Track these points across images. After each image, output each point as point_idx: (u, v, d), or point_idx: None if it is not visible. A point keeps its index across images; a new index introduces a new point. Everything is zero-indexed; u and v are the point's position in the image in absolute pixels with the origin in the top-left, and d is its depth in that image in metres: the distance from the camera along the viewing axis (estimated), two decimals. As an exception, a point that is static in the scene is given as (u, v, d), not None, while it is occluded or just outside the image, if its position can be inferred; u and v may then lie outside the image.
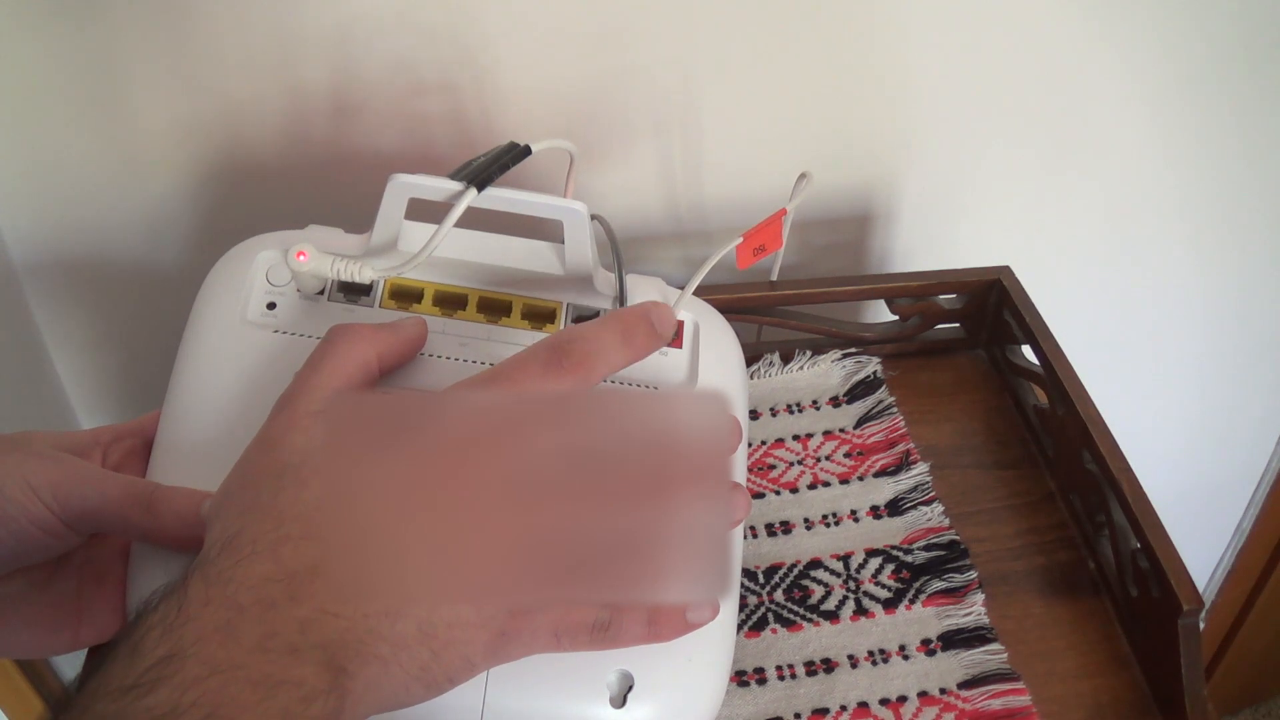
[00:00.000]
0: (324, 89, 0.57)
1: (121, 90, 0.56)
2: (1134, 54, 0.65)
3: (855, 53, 0.61)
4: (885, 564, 0.49)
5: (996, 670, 0.45)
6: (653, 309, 0.37)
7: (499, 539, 0.30)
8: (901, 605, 0.47)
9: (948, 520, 0.51)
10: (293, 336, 0.41)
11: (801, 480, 0.53)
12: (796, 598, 0.48)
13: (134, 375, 0.69)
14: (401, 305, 0.43)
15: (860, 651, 0.46)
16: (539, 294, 0.44)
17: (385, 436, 0.31)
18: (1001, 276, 0.59)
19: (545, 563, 0.30)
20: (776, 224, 0.50)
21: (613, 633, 0.31)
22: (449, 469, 0.30)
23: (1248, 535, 1.05)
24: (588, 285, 0.44)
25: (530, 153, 0.43)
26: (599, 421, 0.33)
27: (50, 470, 0.35)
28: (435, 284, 0.43)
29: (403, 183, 0.41)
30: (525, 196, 0.41)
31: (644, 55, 0.59)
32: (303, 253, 0.41)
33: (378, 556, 0.29)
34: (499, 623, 0.30)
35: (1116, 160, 0.70)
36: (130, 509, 0.35)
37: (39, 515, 0.34)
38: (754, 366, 0.58)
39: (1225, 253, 0.78)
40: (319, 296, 0.43)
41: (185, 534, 0.36)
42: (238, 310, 0.42)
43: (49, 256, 0.62)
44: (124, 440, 0.41)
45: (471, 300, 0.43)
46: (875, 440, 0.55)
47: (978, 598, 0.47)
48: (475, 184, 0.40)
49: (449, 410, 0.32)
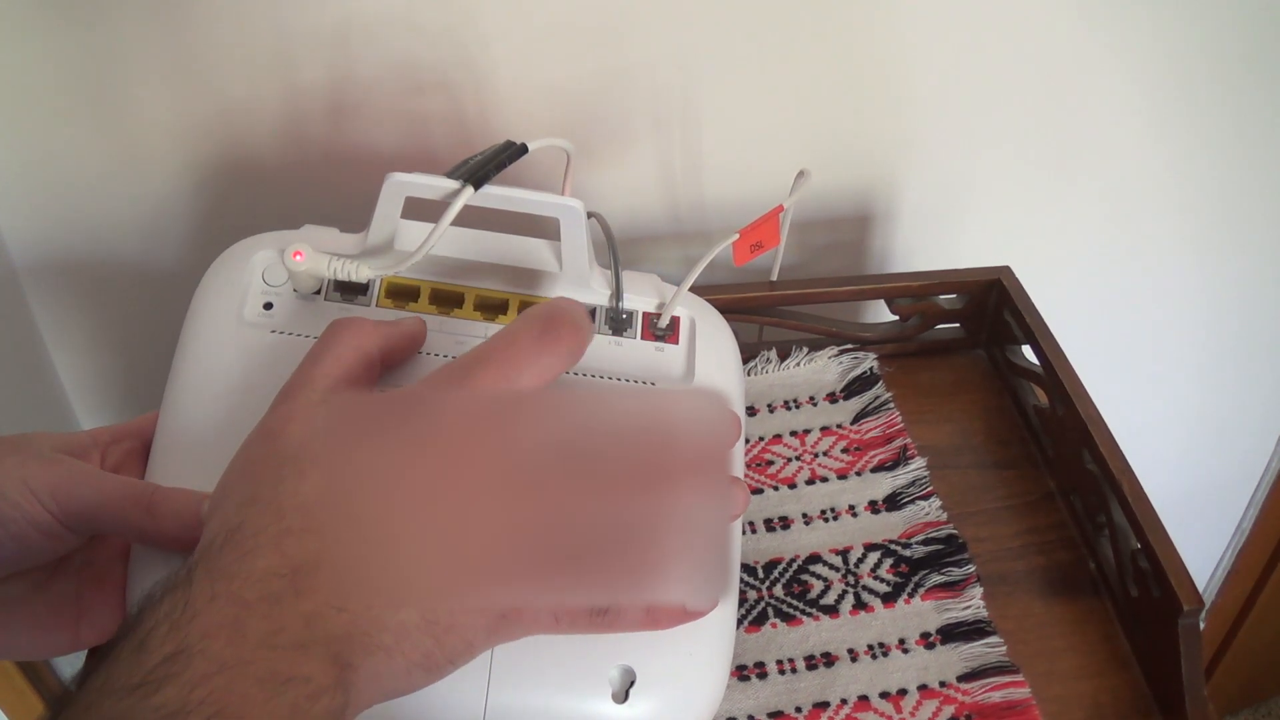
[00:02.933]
0: (322, 88, 0.57)
1: (120, 90, 0.56)
2: (1134, 54, 0.65)
3: (856, 53, 0.61)
4: (884, 558, 0.49)
5: (996, 663, 0.45)
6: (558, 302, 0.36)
7: (500, 527, 0.30)
8: (900, 599, 0.48)
9: (945, 515, 0.51)
10: (289, 336, 0.41)
11: (800, 476, 0.53)
12: (796, 592, 0.48)
13: (133, 375, 0.69)
14: (398, 304, 0.43)
15: (860, 645, 0.46)
16: (535, 292, 0.44)
17: (385, 427, 0.31)
18: (1001, 276, 0.58)
19: (546, 551, 0.30)
20: (773, 220, 0.50)
21: (610, 618, 0.31)
22: (449, 459, 0.30)
23: (1248, 535, 1.05)
24: (584, 283, 0.44)
25: (527, 151, 0.42)
26: (599, 414, 0.33)
27: (49, 472, 0.35)
28: (432, 282, 0.43)
29: (399, 181, 0.41)
30: (522, 194, 0.41)
31: (643, 53, 0.59)
32: (299, 252, 0.41)
33: (380, 548, 0.29)
34: (500, 608, 0.30)
35: (1117, 160, 0.70)
36: (129, 510, 0.35)
37: (38, 517, 0.34)
38: (751, 363, 0.59)
39: (1225, 252, 0.78)
40: (315, 296, 0.43)
41: (184, 535, 0.36)
42: (234, 311, 0.42)
43: (48, 256, 0.62)
44: (122, 442, 0.41)
45: (468, 299, 0.43)
46: (873, 435, 0.55)
47: (976, 591, 0.47)
48: (472, 182, 0.40)
49: (449, 401, 0.32)
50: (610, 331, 0.43)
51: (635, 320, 0.44)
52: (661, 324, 0.44)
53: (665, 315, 0.44)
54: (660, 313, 0.44)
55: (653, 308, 0.44)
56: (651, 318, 0.44)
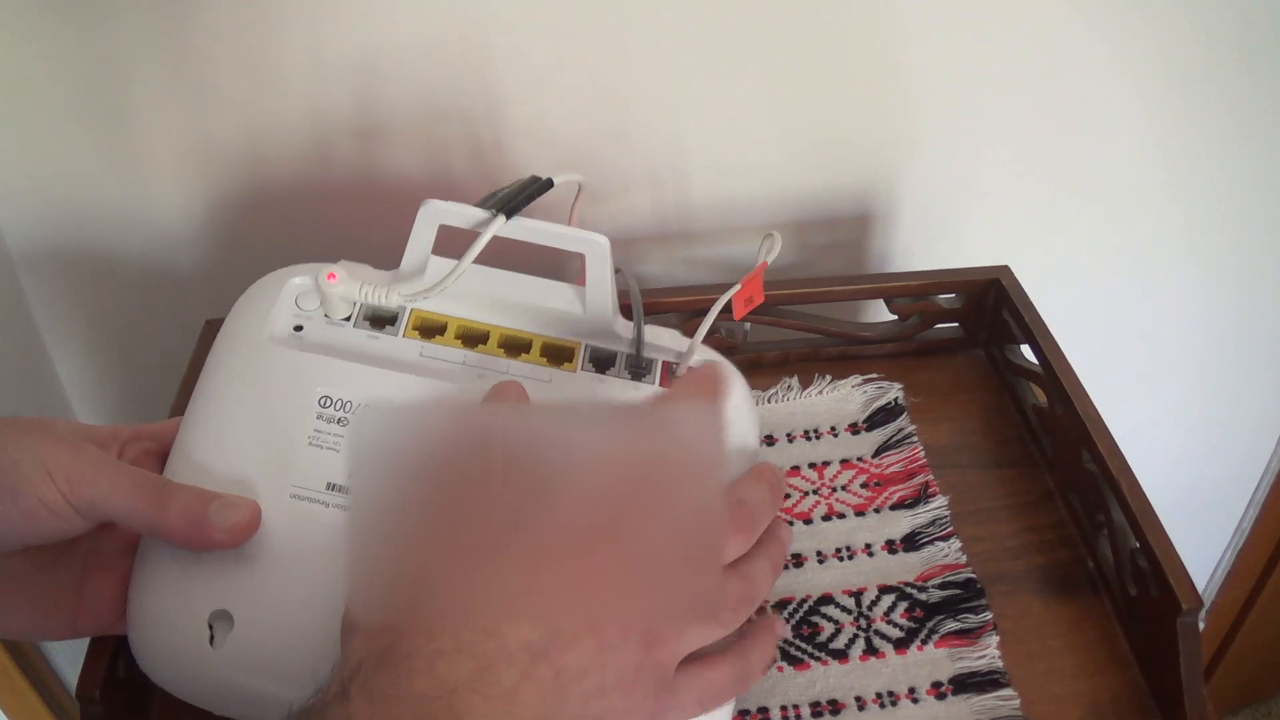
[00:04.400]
0: (323, 92, 0.57)
1: (121, 90, 0.56)
2: (1133, 54, 0.65)
3: (856, 53, 0.61)
4: (898, 601, 0.48)
5: (1009, 717, 0.43)
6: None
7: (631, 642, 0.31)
8: (913, 646, 0.46)
9: (965, 557, 0.49)
10: (319, 354, 0.43)
11: (816, 511, 0.52)
12: (805, 635, 0.46)
13: (133, 377, 0.69)
14: (425, 337, 0.44)
15: (868, 693, 0.44)
16: (558, 334, 0.45)
17: (506, 530, 0.31)
18: (1000, 276, 0.59)
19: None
20: (759, 278, 0.51)
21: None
22: (583, 570, 0.30)
23: (1248, 535, 1.05)
24: (607, 328, 0.45)
25: (552, 185, 0.45)
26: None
27: (67, 455, 0.35)
28: (458, 319, 0.45)
29: (435, 209, 0.42)
30: (549, 228, 0.43)
31: (642, 53, 0.59)
32: (333, 274, 0.43)
33: (529, 666, 0.29)
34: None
35: (1116, 160, 0.70)
36: (140, 502, 0.36)
37: (50, 497, 0.35)
38: (772, 390, 0.57)
39: (1225, 252, 0.79)
40: (345, 322, 0.44)
41: (191, 532, 0.37)
42: (265, 331, 0.43)
43: (48, 255, 0.62)
44: (142, 441, 0.41)
45: (493, 337, 0.45)
46: (894, 470, 0.53)
47: (992, 640, 0.46)
48: (505, 212, 0.42)
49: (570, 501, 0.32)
50: (630, 377, 0.45)
51: (654, 369, 0.45)
52: (679, 373, 0.45)
53: (683, 366, 0.45)
54: (679, 362, 0.45)
55: (673, 355, 0.46)
56: (671, 366, 0.45)
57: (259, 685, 0.38)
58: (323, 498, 0.40)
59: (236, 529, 0.38)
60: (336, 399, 0.42)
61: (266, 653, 0.38)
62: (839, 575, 0.49)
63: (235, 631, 0.38)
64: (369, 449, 0.40)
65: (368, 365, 0.43)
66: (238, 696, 0.38)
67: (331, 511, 0.40)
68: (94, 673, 0.41)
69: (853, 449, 0.55)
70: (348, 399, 0.42)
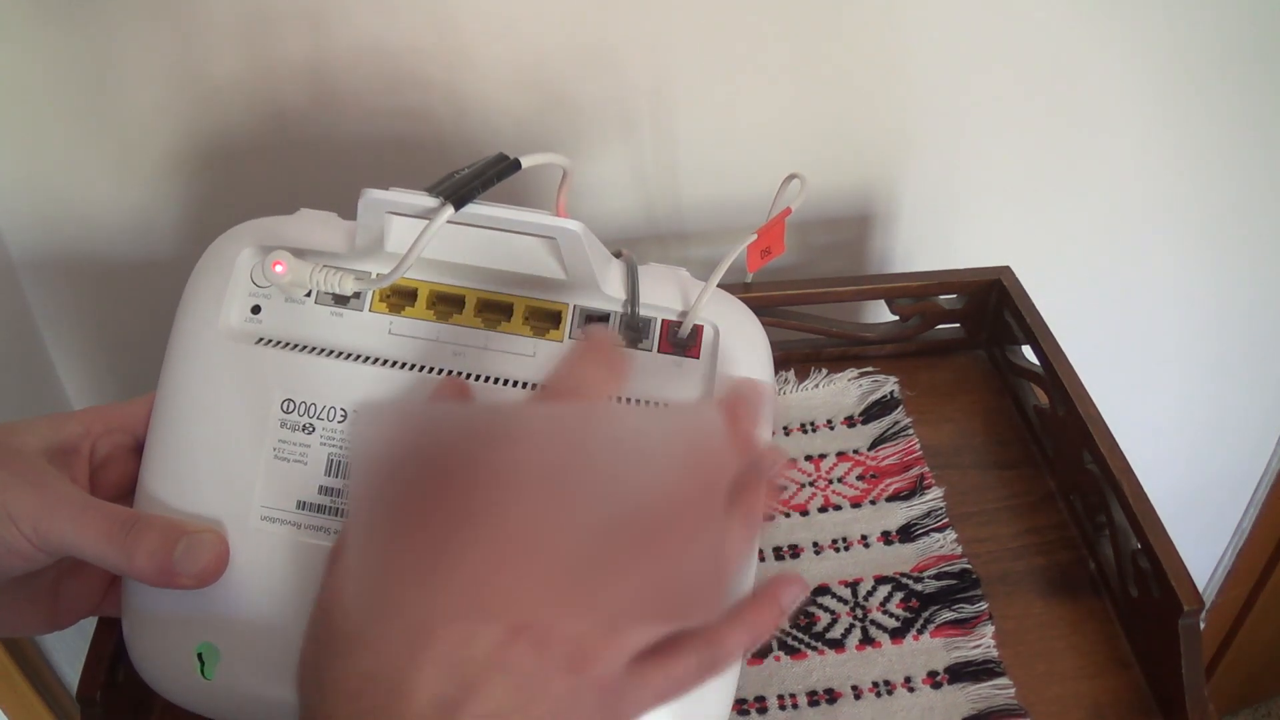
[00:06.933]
0: (306, 71, 0.57)
1: (111, 85, 0.56)
2: (1134, 54, 0.65)
3: (855, 53, 0.61)
4: (894, 592, 0.48)
5: (1004, 706, 0.44)
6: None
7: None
8: (909, 635, 0.46)
9: (960, 548, 0.50)
10: (277, 348, 0.40)
11: (812, 503, 0.52)
12: (802, 625, 0.47)
13: (131, 368, 0.69)
14: (394, 308, 0.41)
15: (865, 682, 0.45)
16: (543, 294, 0.41)
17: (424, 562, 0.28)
18: (1001, 277, 0.58)
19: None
20: (780, 225, 0.49)
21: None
22: (478, 598, 0.28)
23: (1248, 535, 1.05)
24: (594, 286, 0.40)
25: (519, 167, 0.39)
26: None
27: (31, 499, 0.35)
28: (431, 283, 0.41)
29: (375, 199, 0.37)
30: (513, 213, 0.38)
31: (642, 53, 0.59)
32: (279, 263, 0.39)
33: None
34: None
35: (1117, 160, 0.70)
36: (106, 546, 0.35)
37: (17, 544, 0.34)
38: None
39: (1225, 253, 0.78)
40: (306, 299, 0.41)
41: (159, 578, 0.36)
42: (220, 317, 0.40)
43: (46, 252, 0.62)
44: (114, 434, 0.41)
45: (470, 301, 0.40)
46: (889, 463, 0.54)
47: (987, 629, 0.46)
48: (453, 201, 0.36)
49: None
50: (626, 341, 0.40)
51: (653, 330, 0.40)
52: (683, 333, 0.40)
53: (687, 324, 0.40)
54: (682, 321, 0.40)
55: (674, 314, 0.40)
56: (672, 326, 0.40)
57: (256, 709, 0.38)
58: (294, 518, 0.38)
59: (204, 573, 0.37)
60: (299, 403, 0.39)
61: (259, 679, 0.37)
62: (835, 566, 0.49)
63: (224, 663, 0.38)
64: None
65: (330, 358, 0.40)
66: (242, 716, 0.39)
67: (305, 533, 0.38)
68: (94, 675, 0.41)
69: (849, 441, 0.55)
70: (310, 401, 0.39)
